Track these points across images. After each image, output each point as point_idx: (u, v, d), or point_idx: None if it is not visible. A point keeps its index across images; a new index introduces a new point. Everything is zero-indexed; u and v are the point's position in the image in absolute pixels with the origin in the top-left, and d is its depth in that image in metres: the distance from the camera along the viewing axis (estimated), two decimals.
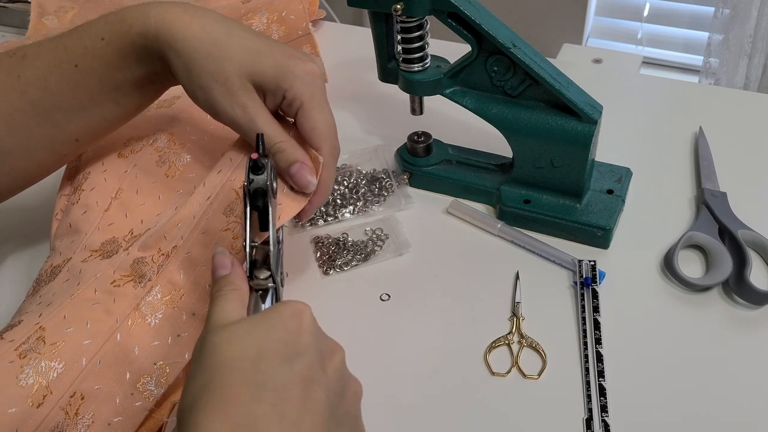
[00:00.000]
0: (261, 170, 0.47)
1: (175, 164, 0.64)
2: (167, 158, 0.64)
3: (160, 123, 0.67)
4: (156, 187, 0.62)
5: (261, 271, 0.47)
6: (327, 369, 0.41)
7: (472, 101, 0.66)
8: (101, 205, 0.61)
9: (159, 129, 0.66)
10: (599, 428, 0.52)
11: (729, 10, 1.70)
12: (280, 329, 0.41)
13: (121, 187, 0.62)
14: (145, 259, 0.56)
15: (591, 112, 0.62)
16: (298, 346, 0.41)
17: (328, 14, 1.67)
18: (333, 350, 0.43)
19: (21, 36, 0.99)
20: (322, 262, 0.66)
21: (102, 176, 0.63)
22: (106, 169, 0.63)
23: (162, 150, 0.64)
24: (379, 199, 0.71)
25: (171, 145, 0.65)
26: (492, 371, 0.56)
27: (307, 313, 0.43)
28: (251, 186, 0.47)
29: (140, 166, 0.63)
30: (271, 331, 0.41)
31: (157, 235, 0.56)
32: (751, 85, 1.79)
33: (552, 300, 0.61)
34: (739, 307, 0.59)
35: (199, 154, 0.65)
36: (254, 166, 0.47)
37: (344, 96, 0.86)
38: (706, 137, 0.74)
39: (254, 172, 0.47)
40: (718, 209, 0.65)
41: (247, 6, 0.82)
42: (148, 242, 0.56)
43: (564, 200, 0.66)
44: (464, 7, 0.61)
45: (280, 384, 0.39)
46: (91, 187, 0.62)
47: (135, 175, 0.63)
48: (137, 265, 0.55)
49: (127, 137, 0.65)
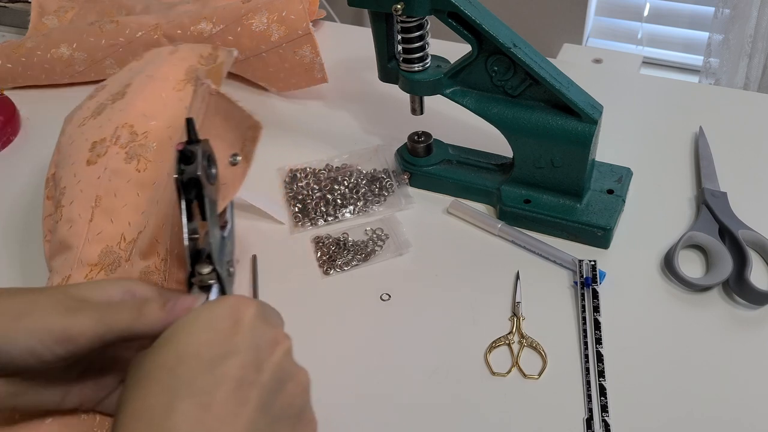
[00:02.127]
0: (191, 159, 0.45)
1: (143, 156, 0.62)
2: (134, 152, 0.62)
3: (118, 118, 0.64)
4: (132, 186, 0.61)
5: (203, 266, 0.46)
6: (263, 366, 0.40)
7: (473, 101, 0.66)
8: (84, 217, 0.61)
9: (118, 125, 0.64)
10: (599, 428, 0.52)
11: (729, 10, 1.70)
12: (207, 330, 0.40)
13: (98, 195, 0.61)
14: (150, 268, 0.56)
15: (591, 112, 0.62)
16: (227, 346, 0.39)
17: (328, 14, 1.67)
18: (274, 343, 0.42)
19: (21, 36, 0.99)
20: (323, 262, 0.66)
21: (77, 187, 0.62)
22: (79, 180, 0.62)
23: (127, 145, 0.63)
24: (379, 199, 0.71)
25: (134, 138, 0.63)
26: (492, 371, 0.56)
27: (246, 310, 0.41)
28: (183, 177, 0.45)
29: (111, 168, 0.62)
30: (196, 334, 0.40)
31: (150, 239, 0.56)
32: (751, 85, 1.79)
33: (552, 300, 0.61)
34: (739, 307, 0.59)
35: (164, 138, 0.63)
36: (183, 156, 0.45)
37: (344, 96, 0.86)
38: (706, 137, 0.74)
39: (184, 162, 0.45)
40: (718, 209, 0.65)
41: (247, 6, 0.82)
42: (144, 248, 0.56)
43: (564, 200, 0.66)
44: (464, 7, 0.61)
45: (201, 389, 0.37)
46: (70, 201, 0.62)
47: (108, 179, 0.62)
48: (145, 275, 0.56)
49: (91, 142, 0.64)
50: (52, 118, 0.87)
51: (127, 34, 0.87)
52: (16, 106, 0.86)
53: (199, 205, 0.46)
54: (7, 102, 0.86)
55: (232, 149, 0.52)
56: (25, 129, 0.86)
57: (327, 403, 0.55)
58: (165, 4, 0.94)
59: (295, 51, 0.81)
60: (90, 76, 0.90)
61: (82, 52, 0.88)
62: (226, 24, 0.83)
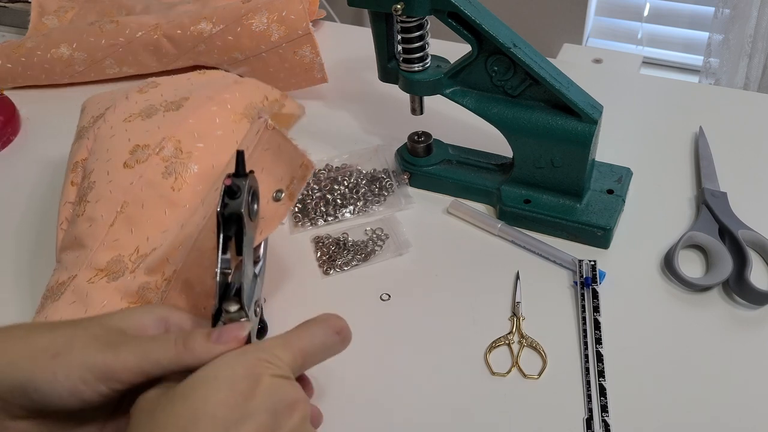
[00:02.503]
0: (237, 194, 0.44)
1: (181, 175, 0.60)
2: (173, 169, 0.61)
3: (167, 128, 0.63)
4: (162, 202, 0.60)
5: (230, 303, 0.44)
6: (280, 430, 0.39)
7: (473, 101, 0.66)
8: (106, 219, 0.59)
9: (165, 136, 0.62)
10: (599, 428, 0.52)
11: (729, 10, 1.70)
12: (225, 390, 0.38)
13: (126, 201, 0.60)
14: (149, 285, 0.55)
15: (591, 112, 0.62)
16: (244, 409, 0.38)
17: (328, 14, 1.67)
18: (293, 406, 0.40)
19: (21, 36, 0.99)
20: (323, 262, 0.66)
21: (107, 187, 0.61)
22: (111, 180, 0.61)
23: (168, 159, 0.61)
24: (379, 199, 0.71)
25: (178, 154, 0.61)
26: (492, 371, 0.56)
27: (267, 369, 0.40)
28: (225, 211, 0.44)
29: (146, 178, 0.60)
30: (214, 393, 0.38)
31: (161, 257, 0.55)
32: (751, 85, 1.79)
33: (552, 300, 0.61)
34: (739, 307, 0.59)
35: (207, 165, 0.62)
36: (229, 190, 0.44)
37: (344, 96, 0.86)
38: (706, 137, 0.74)
39: (229, 196, 0.44)
40: (718, 209, 0.65)
41: (247, 6, 0.82)
42: (152, 265, 0.56)
43: (564, 200, 0.66)
44: (464, 7, 0.61)
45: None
46: (96, 199, 0.61)
47: (141, 188, 0.60)
48: (143, 291, 0.55)
49: (133, 144, 0.62)
50: (52, 118, 0.87)
51: (127, 34, 0.87)
52: (16, 106, 0.86)
53: (236, 240, 0.45)
54: (7, 102, 0.86)
55: (278, 185, 0.51)
56: (25, 129, 0.86)
57: (326, 403, 0.55)
58: (165, 4, 0.94)
59: (295, 51, 0.81)
60: (90, 76, 0.90)
61: (82, 52, 0.88)
62: (226, 24, 0.83)
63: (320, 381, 0.57)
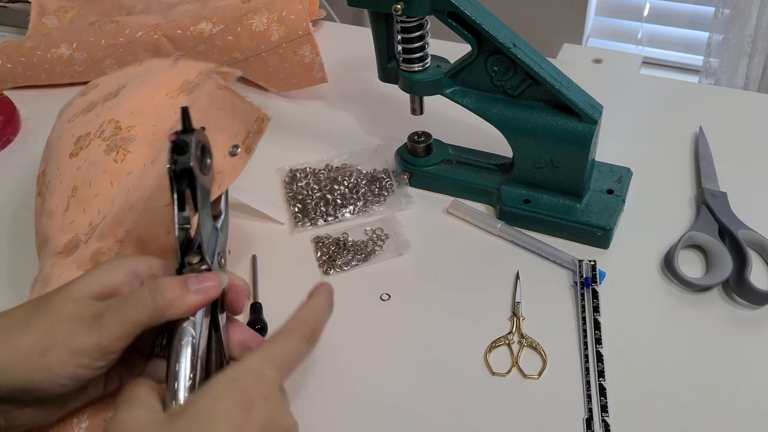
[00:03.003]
0: (185, 149, 0.44)
1: (123, 148, 0.61)
2: (114, 144, 0.61)
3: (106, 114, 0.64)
4: (107, 176, 0.60)
5: (192, 256, 0.45)
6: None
7: (472, 101, 0.66)
8: (61, 208, 0.61)
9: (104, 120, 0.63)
10: (599, 428, 0.52)
11: (729, 10, 1.70)
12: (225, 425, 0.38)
13: (75, 185, 0.61)
14: (102, 249, 0.56)
15: (591, 112, 0.62)
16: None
17: (328, 14, 1.67)
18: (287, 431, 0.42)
19: (21, 36, 0.99)
20: (322, 262, 0.66)
21: (58, 180, 0.62)
22: (60, 172, 0.62)
23: (109, 138, 0.61)
24: (379, 199, 0.71)
25: (117, 132, 0.62)
26: (492, 371, 0.56)
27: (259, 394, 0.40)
28: (175, 167, 0.44)
29: (90, 160, 0.61)
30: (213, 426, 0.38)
31: (112, 222, 0.56)
32: (751, 85, 1.79)
33: (552, 300, 0.61)
34: (739, 307, 0.59)
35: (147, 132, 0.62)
36: (176, 146, 0.44)
37: (344, 96, 0.86)
38: (706, 137, 0.74)
39: (178, 153, 0.44)
40: (718, 209, 0.65)
41: (247, 6, 0.82)
42: (103, 231, 0.56)
43: (564, 200, 0.66)
44: (464, 7, 0.61)
45: None
46: (51, 194, 0.62)
47: (87, 169, 0.61)
48: (96, 256, 0.56)
49: (76, 136, 0.63)
50: (52, 118, 0.87)
51: (127, 34, 0.87)
52: (16, 106, 0.86)
53: (192, 196, 0.46)
54: (7, 102, 0.86)
55: (234, 141, 0.52)
56: (25, 129, 0.86)
57: (326, 403, 0.55)
58: (165, 4, 0.94)
59: (295, 51, 0.81)
60: (90, 76, 0.90)
61: (82, 52, 0.88)
62: (226, 24, 0.83)
63: (320, 381, 0.57)
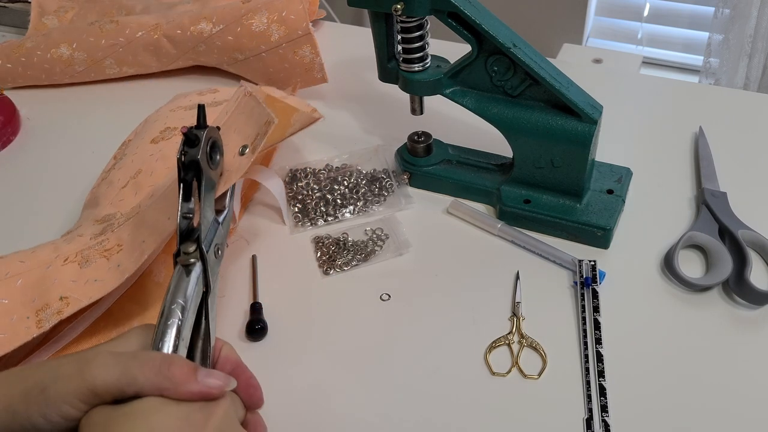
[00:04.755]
0: (195, 143, 0.47)
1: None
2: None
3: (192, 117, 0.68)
4: (169, 171, 0.64)
5: (188, 245, 0.46)
6: None
7: (472, 101, 0.66)
8: (120, 183, 0.65)
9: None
10: (599, 428, 0.52)
11: (729, 10, 1.70)
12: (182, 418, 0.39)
13: (141, 168, 0.66)
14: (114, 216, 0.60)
15: (591, 112, 0.62)
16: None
17: (328, 14, 1.67)
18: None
19: (21, 36, 0.99)
20: (322, 262, 0.66)
21: (132, 158, 0.68)
22: (137, 152, 0.68)
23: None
24: (379, 199, 0.71)
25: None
26: (492, 371, 0.56)
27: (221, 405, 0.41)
28: (184, 158, 0.47)
29: (164, 152, 0.67)
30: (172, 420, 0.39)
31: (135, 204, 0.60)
32: (751, 85, 1.79)
33: (552, 300, 0.61)
34: (739, 307, 0.59)
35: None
36: (188, 139, 0.47)
37: (344, 96, 0.86)
38: (706, 137, 0.74)
39: (189, 145, 0.47)
40: (718, 209, 0.65)
41: (247, 6, 0.82)
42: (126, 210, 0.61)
43: (564, 200, 0.66)
44: (464, 7, 0.61)
45: None
46: (120, 166, 0.68)
47: (156, 159, 0.66)
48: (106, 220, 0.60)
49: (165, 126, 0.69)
50: (52, 118, 0.87)
51: (127, 34, 0.87)
52: (16, 106, 0.86)
53: (198, 187, 0.48)
54: (7, 102, 0.86)
55: (245, 141, 0.54)
56: (25, 129, 0.86)
57: (326, 403, 0.55)
58: (165, 4, 0.94)
59: (295, 51, 0.81)
60: (90, 76, 0.90)
61: (82, 52, 0.88)
62: (226, 24, 0.83)
63: (320, 380, 0.57)
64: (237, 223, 0.70)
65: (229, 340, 0.61)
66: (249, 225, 0.70)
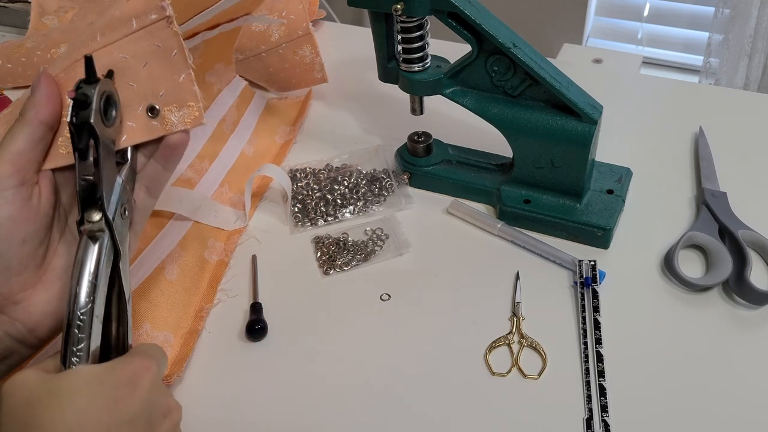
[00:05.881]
0: (86, 103, 0.43)
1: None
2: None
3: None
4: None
5: (93, 212, 0.43)
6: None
7: (472, 101, 0.66)
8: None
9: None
10: (599, 428, 0.52)
11: (729, 10, 1.70)
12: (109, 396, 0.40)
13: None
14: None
15: (591, 112, 0.62)
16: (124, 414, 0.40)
17: (328, 14, 1.67)
18: (166, 413, 0.44)
19: (21, 36, 0.99)
20: (322, 262, 0.66)
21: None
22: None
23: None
24: (379, 199, 0.71)
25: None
26: (492, 371, 0.56)
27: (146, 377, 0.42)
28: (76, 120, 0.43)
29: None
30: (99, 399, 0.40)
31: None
32: (751, 85, 1.79)
33: (552, 300, 0.61)
34: (739, 307, 0.59)
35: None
36: (77, 102, 0.43)
37: (344, 96, 0.86)
38: (706, 137, 0.74)
39: (80, 107, 0.43)
40: (718, 209, 0.65)
41: None
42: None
43: (564, 200, 0.66)
44: (464, 7, 0.61)
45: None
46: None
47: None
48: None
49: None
50: None
51: None
52: None
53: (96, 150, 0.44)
54: (7, 102, 0.86)
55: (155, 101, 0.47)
56: None
57: (326, 403, 0.55)
58: None
59: (295, 51, 0.81)
60: None
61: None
62: None
63: (320, 380, 0.57)
64: (248, 221, 0.70)
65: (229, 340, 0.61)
66: (249, 225, 0.70)
